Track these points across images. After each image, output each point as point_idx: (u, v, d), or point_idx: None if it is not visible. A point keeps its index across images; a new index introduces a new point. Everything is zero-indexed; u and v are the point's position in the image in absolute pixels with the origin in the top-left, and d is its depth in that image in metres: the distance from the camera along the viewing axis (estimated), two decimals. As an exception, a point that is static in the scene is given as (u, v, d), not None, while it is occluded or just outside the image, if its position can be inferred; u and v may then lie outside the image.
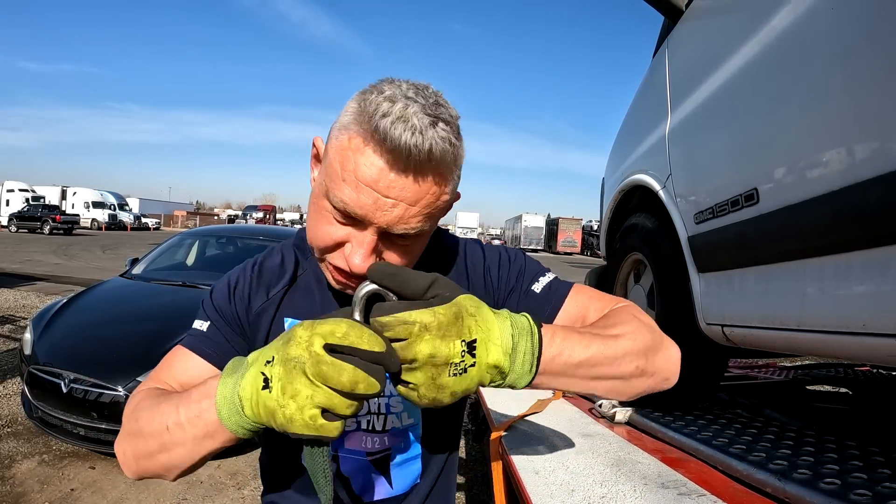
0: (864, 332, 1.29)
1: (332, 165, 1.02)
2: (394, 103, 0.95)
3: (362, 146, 0.97)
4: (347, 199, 0.99)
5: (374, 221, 1.00)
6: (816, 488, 1.42)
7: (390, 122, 0.94)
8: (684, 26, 2.44)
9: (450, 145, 1.00)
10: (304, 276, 1.35)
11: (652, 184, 2.51)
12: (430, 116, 0.97)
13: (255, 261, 1.38)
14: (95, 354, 4.86)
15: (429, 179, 1.00)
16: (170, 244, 7.68)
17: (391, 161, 0.96)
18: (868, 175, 1.25)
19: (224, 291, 1.31)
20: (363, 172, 0.97)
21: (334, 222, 1.05)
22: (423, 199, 1.01)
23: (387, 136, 0.94)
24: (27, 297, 12.38)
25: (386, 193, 0.97)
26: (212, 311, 1.29)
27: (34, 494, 4.27)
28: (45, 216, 40.57)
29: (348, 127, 1.01)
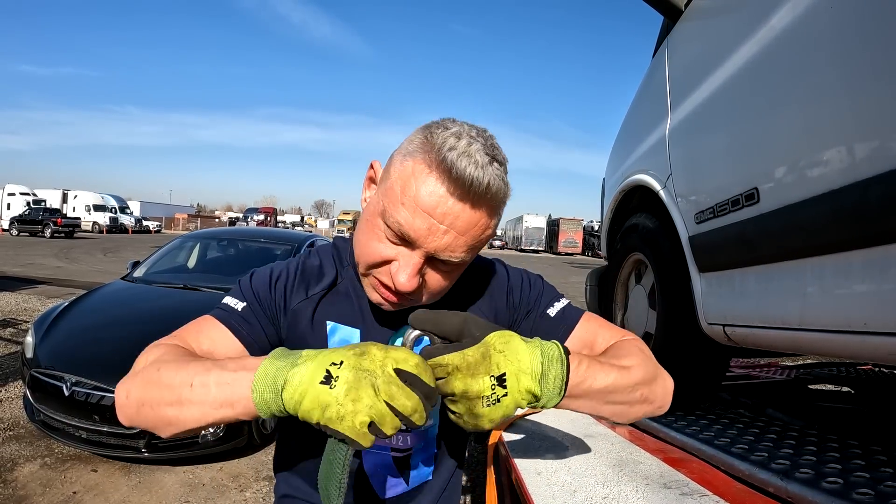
0: (865, 331, 1.29)
1: (393, 189, 1.11)
2: (459, 139, 1.07)
3: (426, 174, 1.07)
4: (403, 222, 1.07)
5: (424, 245, 1.09)
6: (819, 488, 1.42)
7: (457, 155, 1.04)
8: (683, 26, 2.44)
9: (503, 183, 1.11)
10: (343, 284, 1.39)
11: (652, 184, 2.51)
12: (489, 156, 1.08)
13: (296, 260, 1.41)
14: (97, 357, 4.87)
15: (481, 212, 1.10)
16: (171, 247, 7.69)
17: (452, 190, 1.05)
18: (868, 174, 1.25)
19: (265, 279, 1.34)
20: (423, 199, 1.06)
21: (385, 241, 1.13)
22: (472, 231, 1.10)
23: (453, 167, 1.03)
24: (29, 300, 12.38)
25: (441, 220, 1.06)
26: (250, 293, 1.31)
27: (36, 498, 4.26)
28: (47, 220, 40.51)
29: (414, 155, 1.10)
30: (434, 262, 1.14)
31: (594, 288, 3.47)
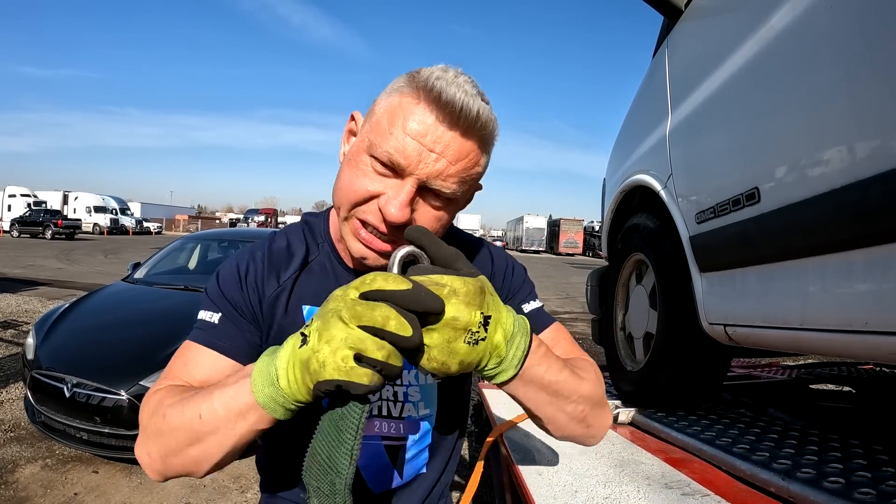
0: (866, 331, 1.29)
1: (380, 123, 1.07)
2: (446, 72, 1.06)
3: (414, 104, 1.05)
4: (394, 149, 1.04)
5: (416, 172, 1.04)
6: (820, 487, 1.42)
7: (445, 83, 1.02)
8: (684, 26, 2.44)
9: (492, 118, 1.09)
10: (318, 260, 1.34)
11: (653, 184, 2.51)
12: (476, 90, 1.07)
13: (261, 246, 1.35)
14: (98, 359, 4.87)
15: (472, 141, 1.07)
16: (172, 248, 7.69)
17: (441, 116, 1.03)
18: (869, 173, 1.25)
19: (233, 279, 1.28)
20: (412, 126, 1.03)
21: (371, 174, 1.08)
22: (463, 161, 1.07)
23: (442, 93, 1.01)
24: (30, 301, 12.39)
25: (431, 147, 1.03)
26: (221, 300, 1.26)
27: (37, 499, 4.27)
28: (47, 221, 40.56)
29: (401, 90, 1.08)
30: (425, 195, 1.09)
31: (595, 288, 3.47)
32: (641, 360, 2.69)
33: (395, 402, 1.37)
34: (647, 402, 2.55)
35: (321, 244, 1.36)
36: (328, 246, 1.35)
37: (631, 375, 2.71)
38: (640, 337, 2.73)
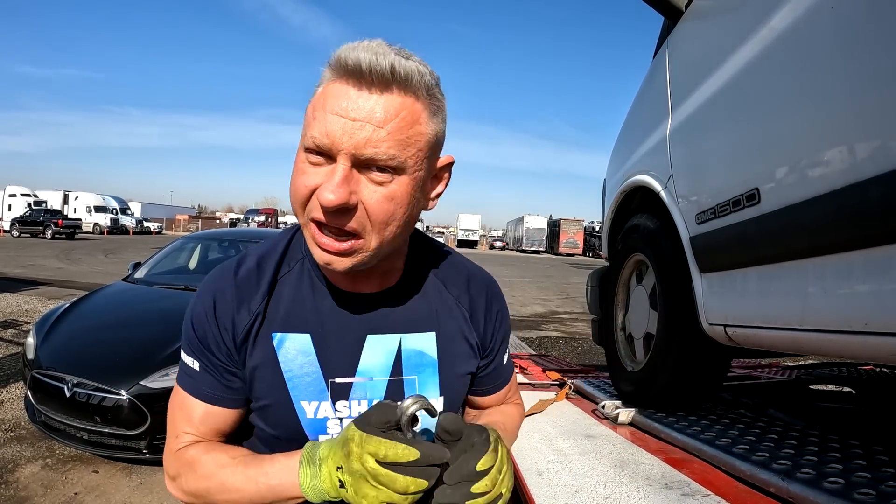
0: (866, 331, 1.29)
1: (307, 115, 1.05)
2: (360, 42, 1.01)
3: (329, 84, 1.02)
4: (317, 133, 0.99)
5: (342, 147, 0.98)
6: (820, 488, 1.42)
7: (351, 48, 0.99)
8: (684, 27, 2.44)
9: (418, 72, 1.01)
10: (287, 279, 1.26)
11: (653, 184, 2.51)
12: (396, 53, 1.01)
13: (231, 270, 1.27)
14: (98, 358, 4.87)
15: (394, 98, 1.00)
16: (172, 248, 7.70)
17: (354, 83, 0.99)
18: (869, 174, 1.25)
19: (204, 318, 1.21)
20: (330, 103, 0.99)
21: (308, 169, 1.03)
22: (393, 122, 0.99)
23: (347, 59, 0.97)
24: (30, 301, 12.40)
25: (353, 116, 0.97)
26: (196, 344, 1.22)
27: (38, 499, 4.27)
28: (48, 221, 40.58)
29: (321, 80, 1.06)
30: (366, 172, 1.01)
31: (595, 288, 3.47)
32: (641, 360, 2.69)
33: None
34: (647, 402, 2.55)
35: (301, 258, 1.28)
36: (308, 260, 1.27)
37: (631, 376, 2.71)
38: (640, 337, 2.73)
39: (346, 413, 1.24)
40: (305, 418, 1.22)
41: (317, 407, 1.22)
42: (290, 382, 1.20)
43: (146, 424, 4.47)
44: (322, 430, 1.23)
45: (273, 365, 1.20)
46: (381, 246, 1.08)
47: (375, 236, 1.06)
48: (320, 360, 1.22)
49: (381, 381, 1.25)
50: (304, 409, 1.21)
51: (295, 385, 1.20)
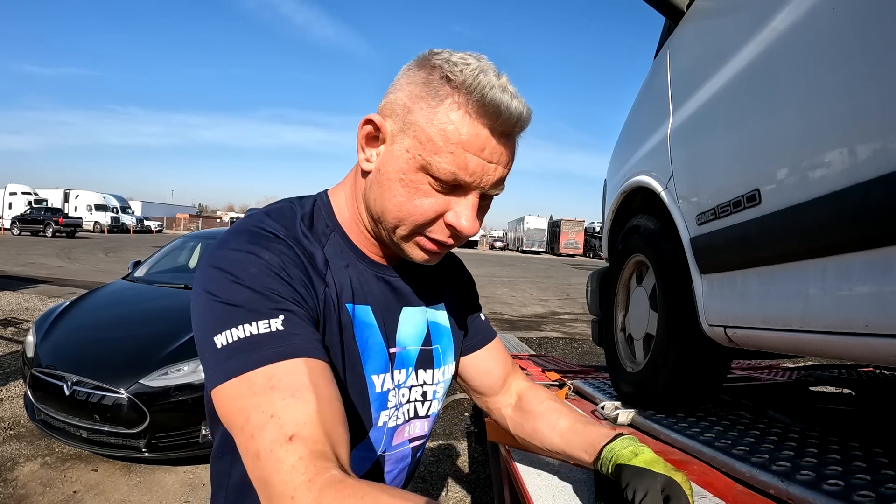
0: (867, 333, 1.29)
1: (432, 140, 1.03)
2: (486, 74, 1.02)
3: (468, 119, 1.02)
4: (457, 168, 1.03)
5: (482, 185, 1.07)
6: (820, 490, 1.42)
7: (498, 91, 1.01)
8: (685, 27, 2.43)
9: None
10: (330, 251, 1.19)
11: (654, 185, 2.50)
12: (511, 86, 1.06)
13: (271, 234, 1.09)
14: (98, 357, 4.88)
15: (517, 141, 1.11)
16: (172, 247, 7.70)
17: (498, 127, 1.03)
18: (870, 175, 1.24)
19: (270, 274, 1.00)
20: (470, 143, 1.02)
21: (434, 194, 1.07)
22: (512, 160, 1.11)
23: (500, 106, 1.01)
24: (30, 299, 12.41)
25: (490, 159, 1.05)
26: (265, 302, 0.96)
27: (37, 497, 4.27)
28: (48, 219, 40.66)
29: (440, 97, 1.04)
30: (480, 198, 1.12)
31: (595, 289, 3.46)
32: (641, 361, 2.68)
33: (423, 402, 1.37)
34: (646, 403, 2.55)
35: (330, 232, 1.21)
36: (338, 234, 1.22)
37: (631, 377, 2.71)
38: (640, 338, 2.73)
39: (396, 382, 1.29)
40: (374, 393, 1.22)
41: (383, 380, 1.25)
42: (363, 355, 1.20)
43: (145, 423, 4.48)
44: (384, 404, 1.26)
45: (350, 339, 1.17)
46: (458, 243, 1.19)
47: (462, 239, 1.17)
48: (382, 332, 1.24)
49: (413, 349, 1.33)
50: (374, 384, 1.22)
51: (367, 358, 1.21)
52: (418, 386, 1.35)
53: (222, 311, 0.95)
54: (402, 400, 1.31)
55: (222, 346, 0.92)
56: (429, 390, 1.38)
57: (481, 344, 1.56)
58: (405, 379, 1.31)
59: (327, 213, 1.25)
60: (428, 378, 1.37)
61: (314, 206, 1.24)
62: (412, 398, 1.34)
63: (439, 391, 1.41)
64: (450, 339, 1.43)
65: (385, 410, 1.25)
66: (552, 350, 11.25)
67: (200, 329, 0.97)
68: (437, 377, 1.39)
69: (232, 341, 0.92)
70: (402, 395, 1.31)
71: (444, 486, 5.03)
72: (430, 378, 1.37)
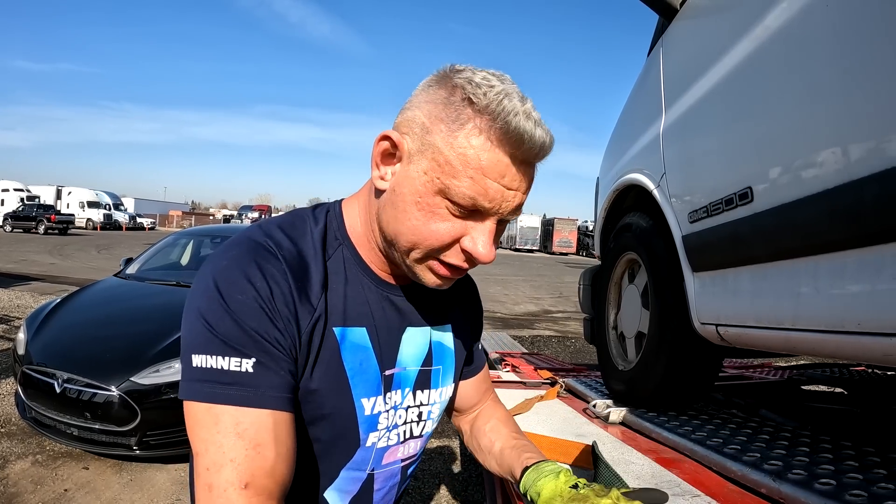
0: (859, 332, 1.29)
1: (451, 163, 0.99)
2: (510, 99, 0.98)
3: (489, 145, 0.98)
4: (477, 194, 0.99)
5: (500, 212, 1.03)
6: (812, 489, 1.42)
7: (522, 118, 0.97)
8: (679, 25, 2.43)
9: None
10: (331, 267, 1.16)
11: (646, 183, 2.50)
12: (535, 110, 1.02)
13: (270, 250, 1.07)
14: (89, 354, 4.86)
15: (535, 167, 1.07)
16: (164, 244, 7.68)
17: (518, 156, 0.99)
18: (862, 173, 1.24)
19: (255, 308, 0.99)
20: (490, 170, 0.98)
21: (451, 218, 1.03)
22: (530, 187, 1.07)
23: (524, 134, 0.97)
24: (22, 297, 12.37)
25: (510, 185, 1.01)
26: (245, 340, 0.98)
27: (28, 495, 4.25)
28: (41, 216, 40.50)
29: (462, 121, 0.99)
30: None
31: (587, 287, 3.46)
32: (633, 359, 2.68)
33: (417, 423, 1.34)
34: (638, 401, 2.55)
35: (339, 246, 1.18)
36: (347, 248, 1.19)
37: (622, 375, 2.71)
38: (631, 336, 2.73)
39: (391, 404, 1.25)
40: (363, 416, 1.19)
41: (374, 403, 1.21)
42: (352, 380, 1.15)
43: (136, 421, 4.46)
44: (374, 426, 1.23)
45: (337, 363, 1.13)
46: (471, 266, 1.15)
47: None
48: (376, 354, 1.20)
49: (413, 370, 1.29)
50: (363, 407, 1.18)
51: (356, 383, 1.16)
52: (415, 407, 1.32)
53: (202, 335, 0.98)
54: (397, 421, 1.28)
55: (196, 367, 0.96)
56: (424, 411, 1.34)
57: (472, 374, 1.56)
58: (401, 400, 1.28)
59: (338, 224, 1.21)
60: (424, 398, 1.33)
61: (327, 216, 1.22)
62: (408, 419, 1.31)
63: (435, 412, 1.38)
64: (452, 361, 1.40)
65: (375, 432, 1.23)
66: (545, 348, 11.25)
67: (184, 338, 1.02)
68: (434, 398, 1.36)
69: (205, 367, 0.96)
70: (398, 416, 1.28)
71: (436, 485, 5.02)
72: (426, 398, 1.34)
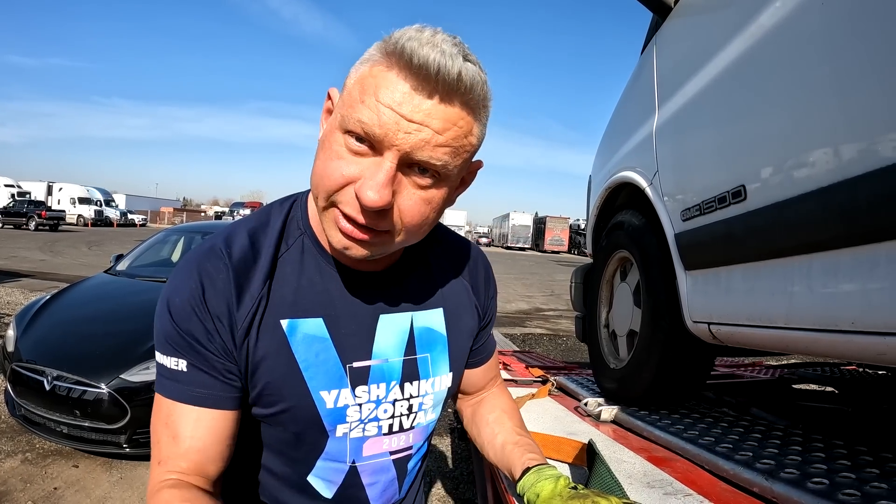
0: (852, 330, 1.28)
1: (351, 94, 0.95)
2: (422, 32, 0.91)
3: (386, 71, 0.92)
4: (366, 119, 0.90)
5: (395, 143, 0.91)
6: (804, 488, 1.41)
7: (418, 44, 0.89)
8: (673, 23, 2.43)
9: (480, 80, 0.95)
10: (289, 255, 1.16)
11: (639, 181, 2.50)
12: (458, 49, 0.92)
13: (219, 248, 1.11)
14: (78, 351, 4.84)
15: (456, 107, 0.93)
16: (155, 240, 7.65)
17: (417, 83, 0.90)
18: (856, 172, 1.24)
19: (189, 308, 1.06)
20: (386, 95, 0.90)
21: (347, 155, 0.95)
22: (451, 130, 0.93)
23: (413, 55, 0.88)
24: (11, 293, 12.32)
25: (410, 117, 0.90)
26: (179, 340, 1.06)
27: (17, 493, 4.23)
28: (31, 212, 40.36)
29: (371, 57, 0.95)
30: (409, 173, 0.96)
31: (579, 285, 3.46)
32: (625, 357, 2.68)
33: (408, 416, 1.28)
34: (630, 399, 2.55)
35: (300, 235, 1.18)
36: (308, 237, 1.17)
37: (614, 373, 2.70)
38: (623, 334, 2.72)
39: (365, 398, 1.20)
40: (325, 409, 1.15)
41: (336, 395, 1.16)
42: (306, 373, 1.12)
43: (126, 418, 4.44)
44: (341, 419, 1.18)
45: (287, 355, 1.11)
46: (404, 241, 1.05)
47: (403, 234, 1.02)
48: (336, 345, 1.15)
49: (396, 361, 1.24)
50: (323, 400, 1.15)
51: (312, 375, 1.13)
52: (403, 400, 1.26)
53: (157, 334, 1.11)
54: (378, 415, 1.23)
55: (157, 363, 1.11)
56: (415, 403, 1.28)
57: (480, 363, 1.49)
58: (385, 394, 1.23)
59: (302, 214, 1.20)
60: (414, 391, 1.27)
61: (291, 207, 1.21)
62: (397, 413, 1.26)
63: (427, 402, 1.30)
64: (444, 347, 1.32)
65: (343, 424, 1.19)
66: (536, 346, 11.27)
67: None
68: (425, 389, 1.29)
69: (160, 362, 1.10)
70: (381, 410, 1.23)
71: (427, 483, 5.02)
72: (416, 390, 1.27)
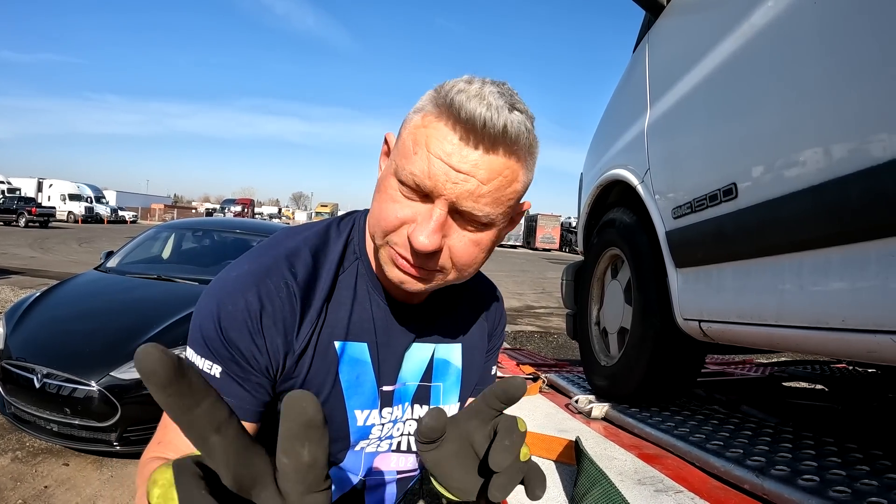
0: (843, 328, 1.29)
1: (405, 144, 0.99)
2: (471, 84, 0.95)
3: (435, 121, 0.96)
4: (417, 171, 0.95)
5: (444, 193, 0.95)
6: (795, 485, 1.42)
7: (466, 97, 0.92)
8: (665, 21, 2.43)
9: (525, 130, 0.97)
10: (343, 280, 1.19)
11: (630, 179, 2.50)
12: (506, 100, 0.95)
13: (283, 263, 1.12)
14: (69, 349, 4.80)
15: (501, 158, 0.96)
16: (146, 237, 7.60)
17: (464, 135, 0.93)
18: (847, 171, 1.24)
19: (242, 322, 1.05)
20: (435, 146, 0.94)
21: (401, 199, 1.00)
22: (496, 180, 0.96)
23: (462, 109, 0.92)
24: (1, 290, 12.24)
25: (458, 168, 0.93)
26: (221, 349, 1.06)
27: (7, 492, 4.21)
28: (21, 208, 40.09)
29: (423, 108, 0.99)
30: (459, 220, 1.00)
31: (570, 283, 3.46)
32: (615, 355, 2.69)
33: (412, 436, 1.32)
34: (620, 397, 2.55)
35: (355, 260, 1.21)
36: (363, 263, 1.21)
37: (605, 370, 2.71)
38: (614, 332, 2.73)
39: (388, 418, 1.26)
40: (356, 426, 1.20)
41: (367, 415, 1.21)
42: (346, 392, 1.16)
43: (116, 416, 4.42)
44: (365, 436, 1.24)
45: (333, 375, 1.15)
46: (456, 279, 1.09)
47: (454, 272, 1.06)
48: (375, 370, 1.20)
49: (412, 385, 1.28)
50: (356, 418, 1.20)
51: (350, 395, 1.17)
52: (412, 419, 1.31)
53: (193, 331, 1.08)
54: (392, 433, 1.29)
55: (187, 358, 1.07)
56: None
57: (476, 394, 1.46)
58: (402, 414, 1.28)
59: (359, 238, 1.23)
60: (422, 414, 1.28)
61: (351, 230, 1.24)
62: (406, 431, 1.31)
63: None
64: (457, 379, 1.35)
65: (365, 440, 1.24)
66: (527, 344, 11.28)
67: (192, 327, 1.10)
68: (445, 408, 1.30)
69: (190, 360, 1.07)
70: (395, 428, 1.28)
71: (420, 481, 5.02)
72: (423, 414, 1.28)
